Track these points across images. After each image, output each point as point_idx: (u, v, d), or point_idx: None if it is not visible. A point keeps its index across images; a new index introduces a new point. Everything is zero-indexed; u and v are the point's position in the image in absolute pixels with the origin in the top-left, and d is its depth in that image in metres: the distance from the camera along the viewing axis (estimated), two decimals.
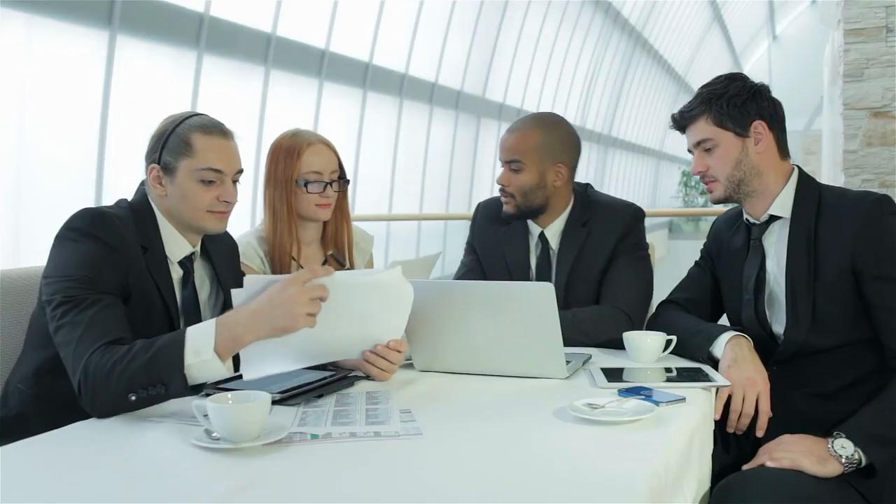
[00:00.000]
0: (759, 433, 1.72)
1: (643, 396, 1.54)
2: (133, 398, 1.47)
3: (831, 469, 1.60)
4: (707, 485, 1.58)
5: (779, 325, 1.87)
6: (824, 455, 1.61)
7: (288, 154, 2.15)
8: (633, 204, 2.34)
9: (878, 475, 1.61)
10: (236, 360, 1.61)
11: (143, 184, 1.84)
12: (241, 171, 1.84)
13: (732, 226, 2.02)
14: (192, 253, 1.84)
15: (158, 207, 1.81)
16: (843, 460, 1.60)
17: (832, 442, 1.62)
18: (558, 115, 2.33)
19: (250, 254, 2.14)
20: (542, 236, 2.29)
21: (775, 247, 1.89)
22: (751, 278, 1.90)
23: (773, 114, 1.88)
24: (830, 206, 1.83)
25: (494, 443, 1.36)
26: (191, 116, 1.81)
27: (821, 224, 1.82)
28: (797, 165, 1.92)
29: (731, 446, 1.83)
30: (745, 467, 1.66)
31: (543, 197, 2.23)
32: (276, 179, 2.15)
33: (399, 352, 1.74)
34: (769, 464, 1.62)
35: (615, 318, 2.10)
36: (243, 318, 1.52)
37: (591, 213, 2.27)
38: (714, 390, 1.71)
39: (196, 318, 1.81)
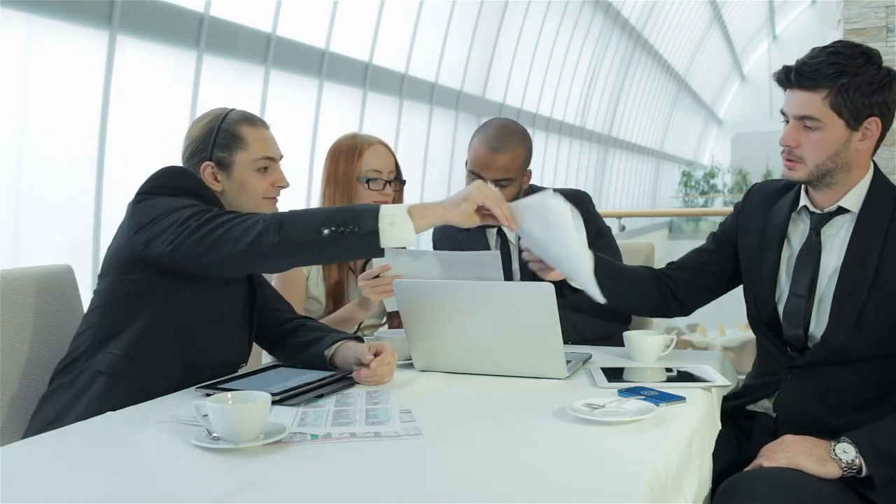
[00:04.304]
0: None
1: (643, 396, 1.54)
2: (326, 232, 1.52)
3: (830, 470, 1.56)
4: (708, 485, 1.58)
5: (816, 327, 1.76)
6: (824, 456, 1.58)
7: (349, 154, 2.27)
8: (577, 189, 2.43)
9: (876, 487, 1.56)
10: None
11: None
12: (282, 157, 1.91)
13: (773, 202, 1.88)
14: None
15: None
16: (843, 465, 1.56)
17: (835, 445, 1.58)
18: (517, 122, 2.38)
19: None
20: (499, 232, 2.36)
21: (835, 241, 1.77)
22: (807, 273, 1.77)
23: (889, 110, 1.71)
24: None
25: (494, 443, 1.36)
26: (230, 111, 1.87)
27: (893, 225, 1.71)
28: (874, 160, 1.79)
29: (732, 446, 1.82)
30: (745, 470, 1.63)
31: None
32: (336, 179, 2.26)
33: (388, 362, 1.73)
34: (765, 464, 1.60)
35: None
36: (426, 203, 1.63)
37: None
38: (714, 390, 1.71)
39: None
